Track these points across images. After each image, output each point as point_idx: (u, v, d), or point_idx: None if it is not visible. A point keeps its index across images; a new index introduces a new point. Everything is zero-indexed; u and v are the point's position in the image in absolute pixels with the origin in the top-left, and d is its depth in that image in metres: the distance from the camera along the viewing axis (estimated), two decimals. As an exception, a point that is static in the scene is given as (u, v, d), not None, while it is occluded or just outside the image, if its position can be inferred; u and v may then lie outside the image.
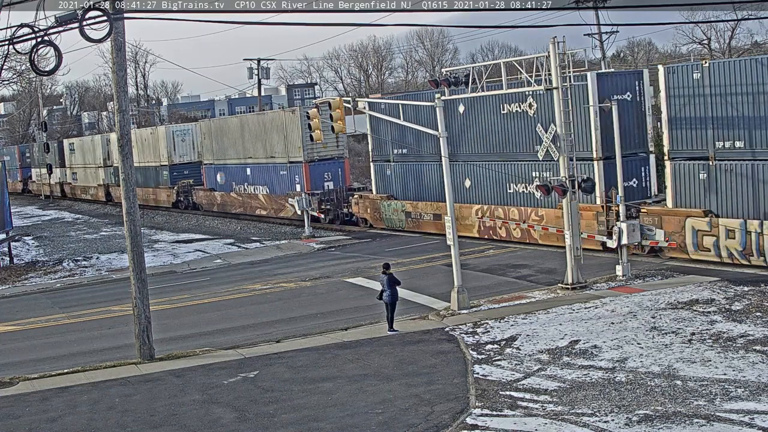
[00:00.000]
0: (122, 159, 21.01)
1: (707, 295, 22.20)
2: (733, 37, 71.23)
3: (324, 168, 45.92)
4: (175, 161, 60.96)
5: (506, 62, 26.82)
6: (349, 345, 20.77)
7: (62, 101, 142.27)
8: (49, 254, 44.24)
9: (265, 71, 71.53)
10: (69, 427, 16.38)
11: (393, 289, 21.80)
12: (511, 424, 14.52)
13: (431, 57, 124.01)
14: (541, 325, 20.87)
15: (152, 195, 63.10)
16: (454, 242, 23.93)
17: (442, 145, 24.57)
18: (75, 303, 30.52)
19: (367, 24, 46.05)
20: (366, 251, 35.88)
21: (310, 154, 45.63)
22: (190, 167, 60.65)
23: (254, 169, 50.92)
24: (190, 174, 60.37)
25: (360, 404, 16.17)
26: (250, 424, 15.68)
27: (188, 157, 61.12)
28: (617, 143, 26.06)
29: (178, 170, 60.91)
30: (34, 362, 22.17)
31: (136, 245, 21.05)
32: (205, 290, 30.74)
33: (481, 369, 17.75)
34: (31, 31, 16.74)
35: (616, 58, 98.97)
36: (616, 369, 16.91)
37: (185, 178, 60.11)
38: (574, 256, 24.86)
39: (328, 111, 27.13)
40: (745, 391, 15.01)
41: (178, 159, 61.10)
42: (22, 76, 57.49)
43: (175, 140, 61.05)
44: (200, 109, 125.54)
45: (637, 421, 14.03)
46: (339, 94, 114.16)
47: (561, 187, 24.97)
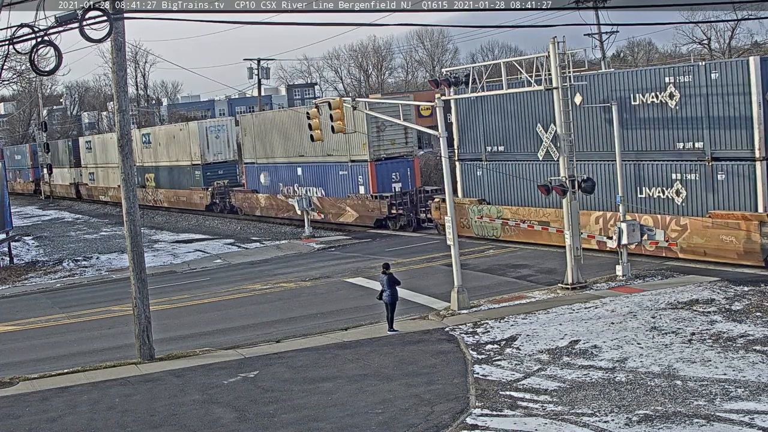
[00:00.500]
0: (122, 159, 21.02)
1: (707, 295, 22.20)
2: (733, 37, 71.27)
3: (392, 167, 41.17)
4: (208, 160, 56.54)
5: (506, 62, 26.83)
6: (349, 345, 20.77)
7: (62, 101, 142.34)
8: (49, 254, 44.24)
9: (265, 71, 71.56)
10: (69, 427, 16.38)
11: (393, 289, 21.80)
12: (511, 424, 14.52)
13: (431, 57, 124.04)
14: (541, 325, 20.87)
15: (183, 197, 58.89)
16: (454, 242, 23.92)
17: (441, 146, 24.58)
18: (75, 303, 30.52)
19: (367, 24, 46.10)
20: (366, 251, 35.88)
21: (377, 152, 41.25)
22: (226, 166, 56.74)
23: (307, 169, 46.23)
24: (226, 174, 56.48)
25: (360, 404, 16.17)
26: (250, 424, 15.68)
27: (223, 155, 56.88)
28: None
29: (212, 170, 56.46)
30: (34, 362, 22.17)
31: (136, 245, 21.06)
32: (205, 290, 30.74)
33: (481, 369, 17.75)
34: (31, 31, 16.74)
35: (616, 58, 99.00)
36: (616, 369, 16.91)
37: (220, 179, 56.02)
38: (574, 256, 24.85)
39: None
40: (745, 391, 15.01)
41: (212, 158, 56.65)
42: (22, 76, 57.51)
43: (208, 137, 56.62)
44: (200, 109, 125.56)
45: (637, 421, 14.03)
46: (339, 94, 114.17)
47: (561, 186, 24.98)
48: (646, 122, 27.96)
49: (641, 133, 28.13)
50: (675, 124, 27.10)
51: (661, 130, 27.53)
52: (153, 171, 63.69)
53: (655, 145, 27.77)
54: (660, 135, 27.60)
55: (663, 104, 27.26)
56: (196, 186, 57.11)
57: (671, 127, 27.22)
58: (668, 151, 27.37)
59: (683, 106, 26.69)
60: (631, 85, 28.08)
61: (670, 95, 26.89)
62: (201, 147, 56.42)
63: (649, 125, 27.88)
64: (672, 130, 27.20)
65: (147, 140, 63.64)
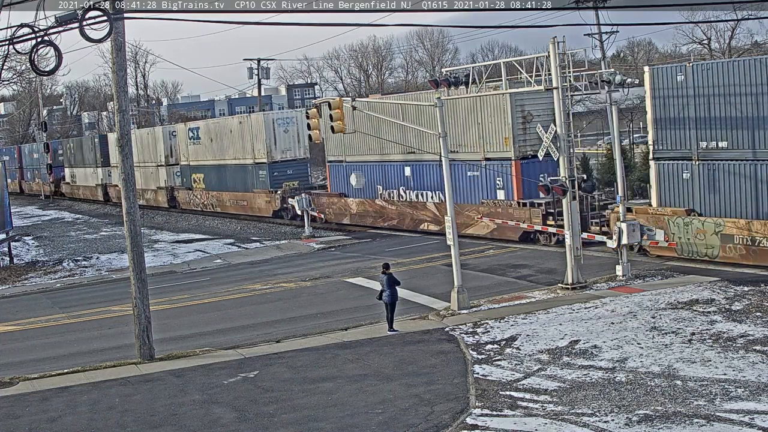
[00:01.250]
0: (122, 159, 21.03)
1: (707, 295, 22.21)
2: (733, 37, 71.24)
3: (542, 167, 31.78)
4: (276, 158, 48.64)
5: (506, 62, 26.85)
6: (349, 345, 20.77)
7: (62, 101, 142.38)
8: (49, 254, 44.24)
9: (265, 71, 71.52)
10: (69, 427, 16.38)
11: (393, 289, 21.80)
12: (511, 424, 14.52)
13: (431, 57, 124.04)
14: (541, 325, 20.87)
15: (242, 201, 51.15)
16: (454, 242, 23.93)
17: (441, 146, 24.56)
18: (75, 303, 30.52)
19: (367, 24, 46.15)
20: (366, 251, 35.87)
21: (522, 148, 33.68)
22: (295, 165, 49.02)
23: (418, 168, 39.19)
24: (296, 174, 48.83)
25: (360, 404, 16.17)
26: (250, 424, 15.68)
27: (292, 152, 49.05)
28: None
29: (280, 169, 48.59)
30: (34, 362, 22.17)
31: (136, 245, 21.07)
32: (205, 290, 30.74)
33: (481, 369, 17.75)
34: (31, 31, 16.74)
35: (616, 58, 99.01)
36: (616, 369, 16.91)
37: (289, 179, 48.24)
38: (574, 256, 24.86)
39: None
40: (745, 391, 15.01)
41: (279, 155, 48.78)
42: (22, 76, 57.34)
43: (276, 131, 48.56)
44: (200, 109, 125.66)
45: (637, 421, 14.03)
46: (339, 94, 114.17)
47: (561, 186, 24.98)
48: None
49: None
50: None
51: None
52: (202, 171, 56.11)
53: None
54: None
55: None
56: (260, 188, 49.31)
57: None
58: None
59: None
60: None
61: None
62: (267, 143, 48.26)
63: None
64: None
65: (195, 135, 56.14)
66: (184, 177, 58.82)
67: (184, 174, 58.56)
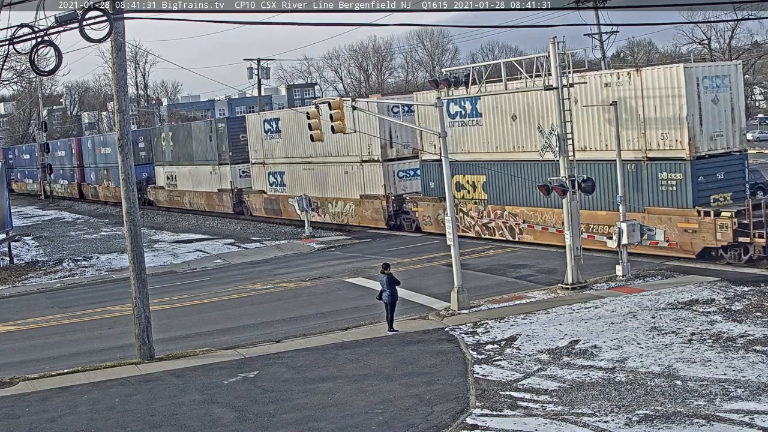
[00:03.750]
0: (122, 159, 21.02)
1: (707, 295, 22.21)
2: (733, 37, 71.27)
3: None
4: (701, 151, 26.61)
5: (506, 62, 26.84)
6: (349, 345, 20.77)
7: (62, 101, 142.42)
8: (49, 254, 44.24)
9: (265, 71, 71.57)
10: (69, 427, 16.38)
11: (392, 289, 21.80)
12: (511, 424, 14.52)
13: (431, 57, 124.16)
14: (541, 325, 20.87)
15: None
16: (454, 242, 23.93)
17: (442, 146, 24.57)
18: (75, 303, 30.51)
19: (367, 24, 46.17)
20: (366, 251, 35.86)
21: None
22: (728, 163, 27.25)
23: None
24: (730, 181, 27.19)
25: (360, 404, 16.17)
26: (250, 424, 15.68)
27: (725, 139, 27.09)
28: None
29: (708, 169, 26.66)
30: (34, 362, 22.16)
31: (136, 245, 21.06)
32: (205, 290, 30.73)
33: (481, 369, 17.75)
34: (31, 31, 16.73)
35: (616, 58, 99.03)
36: (616, 369, 16.91)
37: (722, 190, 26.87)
38: (574, 256, 24.86)
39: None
40: (745, 391, 15.01)
41: (706, 148, 26.73)
42: (22, 76, 57.39)
43: (701, 98, 26.31)
44: (200, 109, 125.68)
45: (637, 421, 14.03)
46: (339, 94, 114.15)
47: (561, 186, 24.97)
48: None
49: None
50: None
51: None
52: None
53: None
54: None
55: None
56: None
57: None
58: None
59: None
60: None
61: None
62: (693, 119, 26.32)
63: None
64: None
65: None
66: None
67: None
